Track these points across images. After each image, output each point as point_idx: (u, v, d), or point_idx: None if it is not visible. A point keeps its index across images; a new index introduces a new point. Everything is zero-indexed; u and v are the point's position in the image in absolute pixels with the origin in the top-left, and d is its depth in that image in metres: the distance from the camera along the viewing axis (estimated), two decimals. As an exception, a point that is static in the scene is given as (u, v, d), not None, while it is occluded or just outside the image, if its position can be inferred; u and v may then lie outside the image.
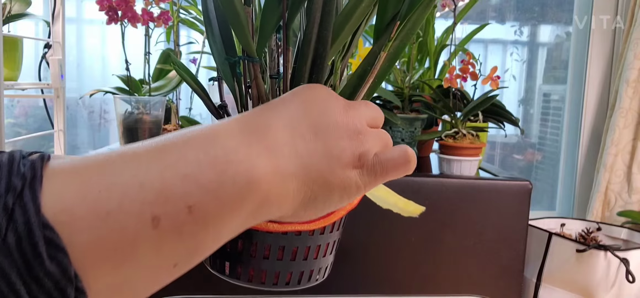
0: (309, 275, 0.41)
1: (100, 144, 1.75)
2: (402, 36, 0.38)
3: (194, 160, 0.27)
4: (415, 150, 1.24)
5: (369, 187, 0.34)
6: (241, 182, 0.28)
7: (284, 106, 0.33)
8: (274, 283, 0.39)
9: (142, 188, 0.25)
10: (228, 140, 0.28)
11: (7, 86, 1.03)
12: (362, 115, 0.35)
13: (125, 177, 0.25)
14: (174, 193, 0.25)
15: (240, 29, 0.35)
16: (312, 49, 0.36)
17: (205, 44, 1.22)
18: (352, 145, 0.33)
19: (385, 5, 0.38)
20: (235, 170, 0.28)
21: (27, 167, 0.23)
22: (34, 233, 0.21)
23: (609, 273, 1.19)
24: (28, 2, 1.16)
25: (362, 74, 0.39)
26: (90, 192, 0.23)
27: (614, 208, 1.56)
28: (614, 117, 1.53)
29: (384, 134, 0.36)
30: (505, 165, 1.88)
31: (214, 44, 0.40)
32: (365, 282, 1.07)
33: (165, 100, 1.16)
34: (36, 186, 0.22)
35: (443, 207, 1.05)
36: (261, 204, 0.29)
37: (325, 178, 0.32)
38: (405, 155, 0.35)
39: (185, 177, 0.26)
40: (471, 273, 1.08)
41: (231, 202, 0.27)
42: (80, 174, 0.24)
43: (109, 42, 1.73)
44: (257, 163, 0.29)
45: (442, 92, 1.20)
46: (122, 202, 0.24)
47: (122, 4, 1.03)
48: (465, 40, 1.35)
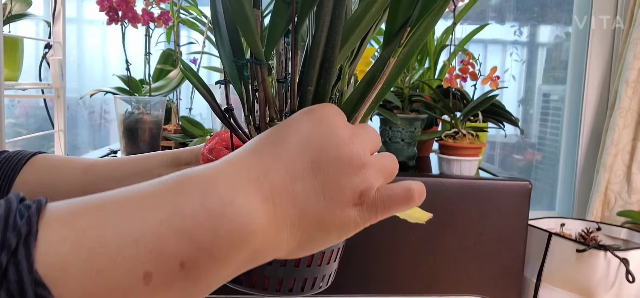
0: (313, 283, 0.40)
1: (100, 143, 1.75)
2: (412, 42, 0.38)
3: (190, 213, 0.26)
4: (414, 150, 1.25)
5: (369, 223, 0.34)
6: (236, 237, 0.28)
7: (284, 145, 0.32)
8: (277, 290, 0.39)
9: (136, 244, 0.25)
10: (225, 191, 0.28)
11: (8, 86, 1.03)
12: (366, 144, 0.34)
13: (119, 231, 0.25)
14: (168, 251, 0.25)
15: (249, 32, 0.35)
16: (321, 53, 0.36)
17: (205, 44, 1.22)
18: (354, 181, 0.32)
19: (396, 10, 0.37)
20: (231, 224, 0.27)
21: (23, 220, 0.23)
22: (26, 292, 0.22)
23: (609, 273, 1.19)
24: (28, 2, 1.16)
25: (371, 80, 0.38)
26: (84, 248, 0.24)
27: (614, 208, 1.56)
28: (614, 117, 1.54)
29: (387, 159, 0.35)
30: (505, 165, 1.88)
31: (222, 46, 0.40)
32: (366, 282, 1.07)
33: (165, 100, 1.17)
34: (31, 242, 0.23)
35: (443, 207, 1.06)
36: (255, 253, 0.29)
37: (323, 220, 0.31)
38: (409, 193, 0.34)
39: (179, 233, 0.26)
40: (471, 273, 1.08)
41: (225, 256, 0.27)
42: (74, 227, 0.24)
43: (109, 42, 1.73)
44: (254, 216, 0.28)
45: (442, 92, 1.20)
46: (115, 259, 0.24)
47: (122, 4, 1.03)
48: (465, 41, 1.35)
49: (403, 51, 0.38)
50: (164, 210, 0.26)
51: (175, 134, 1.27)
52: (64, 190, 0.47)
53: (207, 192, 0.28)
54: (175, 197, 0.27)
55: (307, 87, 0.37)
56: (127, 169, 0.49)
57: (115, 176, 0.48)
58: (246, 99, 0.40)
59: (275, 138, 0.32)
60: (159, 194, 0.27)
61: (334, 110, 0.34)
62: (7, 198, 0.24)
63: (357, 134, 0.33)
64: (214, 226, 0.27)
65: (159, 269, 0.25)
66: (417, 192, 0.34)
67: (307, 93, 0.37)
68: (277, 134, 0.33)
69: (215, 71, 1.38)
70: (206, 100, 0.41)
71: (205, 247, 0.26)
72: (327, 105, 0.35)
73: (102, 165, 0.49)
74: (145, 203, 0.26)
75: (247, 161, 0.31)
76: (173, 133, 1.27)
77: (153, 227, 0.25)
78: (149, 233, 0.25)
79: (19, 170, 0.47)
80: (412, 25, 0.37)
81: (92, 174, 0.48)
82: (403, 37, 0.37)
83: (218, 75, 1.43)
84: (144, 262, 0.25)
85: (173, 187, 0.28)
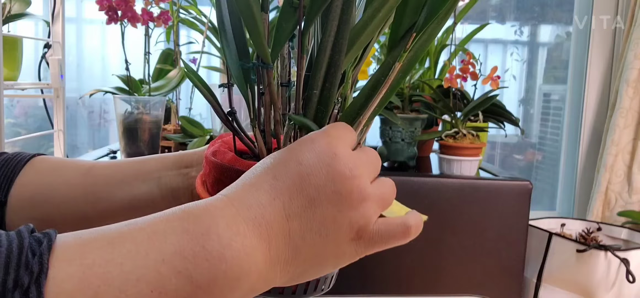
0: (316, 285, 0.40)
1: (99, 143, 1.75)
2: (417, 48, 0.38)
3: (191, 255, 0.28)
4: (415, 150, 1.25)
5: (364, 254, 0.34)
6: (232, 277, 0.29)
7: (282, 179, 0.32)
8: (280, 293, 0.39)
9: (139, 282, 0.27)
10: (225, 232, 0.29)
11: (7, 86, 1.03)
12: (367, 174, 0.34)
13: (124, 269, 0.27)
14: (168, 289, 0.27)
15: (257, 35, 0.35)
16: (327, 57, 0.36)
17: (205, 43, 1.22)
18: (353, 217, 0.32)
19: (401, 16, 0.37)
20: (228, 266, 0.29)
21: (35, 259, 0.25)
22: None
23: (609, 273, 1.19)
24: (28, 1, 1.16)
25: (375, 85, 0.38)
26: (91, 287, 0.26)
27: (615, 208, 1.56)
28: (614, 117, 1.53)
29: (386, 187, 0.35)
30: (506, 165, 1.88)
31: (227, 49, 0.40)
32: (366, 282, 1.07)
33: (165, 100, 1.16)
34: (42, 281, 0.24)
35: (443, 207, 1.05)
36: (249, 289, 0.31)
37: (317, 255, 0.32)
38: (406, 229, 0.34)
39: (179, 273, 0.28)
40: (471, 273, 1.08)
41: (220, 294, 0.29)
42: (82, 264, 0.26)
43: (108, 42, 1.73)
44: (250, 258, 0.30)
45: (442, 92, 1.20)
46: (119, 297, 0.26)
47: (122, 4, 1.03)
48: (466, 40, 1.35)
49: (408, 56, 0.38)
50: (166, 249, 0.28)
51: (175, 134, 1.26)
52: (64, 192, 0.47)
53: (207, 233, 0.29)
54: (178, 235, 0.28)
55: (313, 91, 0.37)
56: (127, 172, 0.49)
57: (116, 178, 0.48)
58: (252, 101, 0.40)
59: (275, 171, 0.33)
60: (162, 232, 0.29)
61: (336, 138, 0.34)
62: (19, 231, 0.26)
63: (359, 165, 0.33)
64: (212, 267, 0.28)
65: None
66: (414, 228, 0.35)
67: (313, 96, 0.37)
68: (277, 165, 0.33)
69: (215, 71, 1.38)
70: (209, 103, 0.41)
71: (203, 287, 0.28)
72: (329, 133, 0.34)
73: (103, 168, 0.49)
74: (149, 240, 0.28)
75: (246, 198, 0.31)
76: (173, 133, 1.27)
77: (155, 266, 0.27)
78: (151, 272, 0.27)
79: (18, 172, 0.47)
80: (417, 31, 0.37)
81: (92, 176, 0.48)
82: (409, 43, 0.37)
83: (218, 75, 1.43)
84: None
85: (176, 224, 0.29)
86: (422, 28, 0.37)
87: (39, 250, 0.25)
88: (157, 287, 0.27)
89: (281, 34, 0.37)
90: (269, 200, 0.31)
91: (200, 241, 0.29)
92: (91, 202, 0.47)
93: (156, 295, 0.27)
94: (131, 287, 0.26)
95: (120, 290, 0.26)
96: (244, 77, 0.40)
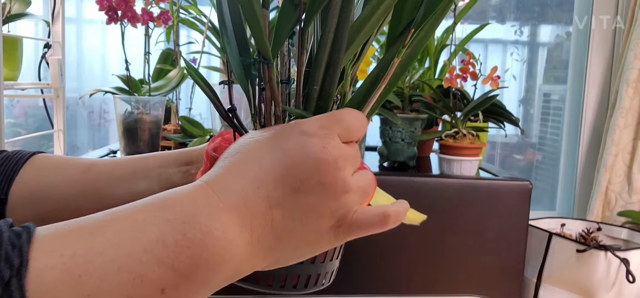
0: (316, 279, 0.41)
1: (99, 143, 1.75)
2: (415, 44, 0.39)
3: (172, 243, 0.28)
4: (415, 150, 1.25)
5: (343, 241, 0.35)
6: (214, 264, 0.29)
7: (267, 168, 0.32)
8: (281, 286, 0.39)
9: (120, 271, 0.26)
10: (206, 220, 0.30)
11: (7, 86, 1.03)
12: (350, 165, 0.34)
13: (105, 258, 0.26)
14: (150, 278, 0.27)
15: (258, 30, 0.36)
16: (327, 54, 0.37)
17: (204, 43, 1.22)
18: (333, 206, 0.33)
19: (400, 13, 0.38)
20: (210, 253, 0.29)
21: (15, 251, 0.25)
22: None
23: (609, 274, 1.19)
24: (28, 2, 1.16)
25: (375, 80, 0.39)
26: (72, 276, 0.25)
27: (615, 208, 1.56)
28: (614, 117, 1.53)
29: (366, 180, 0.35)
30: (506, 165, 1.88)
31: (228, 46, 0.40)
32: (366, 282, 1.07)
33: (165, 100, 1.16)
34: (23, 273, 0.24)
35: (443, 207, 1.05)
36: (232, 274, 0.31)
37: (298, 241, 0.33)
38: (384, 217, 0.35)
39: (162, 263, 0.28)
40: (471, 273, 1.08)
41: (202, 281, 0.29)
42: (63, 255, 0.26)
43: (108, 42, 1.73)
44: (232, 245, 0.30)
45: (442, 92, 1.20)
46: (101, 286, 0.26)
47: (122, 4, 1.03)
48: (465, 40, 1.35)
49: (406, 52, 0.38)
50: (147, 237, 0.28)
51: (175, 134, 1.26)
52: (64, 189, 0.47)
53: (189, 220, 0.29)
54: (159, 225, 0.28)
55: (313, 86, 0.38)
56: (127, 169, 0.49)
57: (115, 176, 0.48)
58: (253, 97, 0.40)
59: (260, 159, 0.33)
60: (143, 221, 0.28)
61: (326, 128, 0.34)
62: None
63: (344, 156, 0.34)
64: (194, 255, 0.29)
65: (141, 295, 0.27)
66: (392, 218, 0.35)
67: (313, 92, 0.38)
68: (262, 152, 0.33)
69: (215, 71, 1.38)
70: (210, 100, 0.42)
71: (185, 275, 0.28)
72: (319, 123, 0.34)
73: (102, 165, 0.49)
74: (130, 229, 0.28)
75: (229, 186, 0.32)
76: (172, 133, 1.27)
77: (137, 255, 0.27)
78: (134, 261, 0.27)
79: (18, 170, 0.47)
80: (416, 27, 0.37)
81: (92, 174, 0.48)
82: (407, 39, 0.37)
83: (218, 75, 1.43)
84: (128, 289, 0.27)
85: (158, 214, 0.29)
86: (420, 24, 0.37)
87: (19, 243, 0.25)
88: (139, 276, 0.27)
89: (281, 31, 0.38)
90: (253, 189, 0.32)
91: (182, 229, 0.29)
92: (91, 199, 0.47)
93: (138, 283, 0.27)
94: (113, 276, 0.26)
95: (101, 279, 0.26)
96: (245, 73, 0.40)
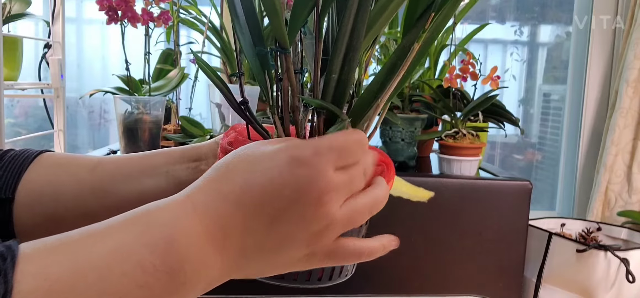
0: (340, 271, 0.41)
1: (99, 143, 1.75)
2: (433, 28, 0.38)
3: (151, 269, 0.29)
4: (415, 150, 1.25)
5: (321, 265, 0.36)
6: (190, 286, 0.31)
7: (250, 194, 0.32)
8: (307, 280, 0.40)
9: (102, 295, 0.28)
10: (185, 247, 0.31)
11: (7, 86, 1.03)
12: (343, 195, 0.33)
13: (88, 281, 0.28)
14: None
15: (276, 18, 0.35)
16: (346, 41, 0.36)
17: (205, 43, 1.22)
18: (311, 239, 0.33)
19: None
20: (187, 277, 0.31)
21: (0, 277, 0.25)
22: None
23: (609, 273, 1.19)
24: (28, 2, 1.16)
25: (392, 68, 0.38)
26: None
27: (614, 208, 1.56)
28: (614, 117, 1.53)
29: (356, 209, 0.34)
30: (505, 165, 1.88)
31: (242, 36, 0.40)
32: (366, 282, 1.07)
33: (165, 100, 1.16)
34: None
35: (443, 207, 1.05)
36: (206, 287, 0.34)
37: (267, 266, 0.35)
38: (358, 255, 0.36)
39: (141, 287, 0.29)
40: (471, 273, 1.08)
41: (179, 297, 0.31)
42: (47, 277, 0.27)
43: (109, 42, 1.73)
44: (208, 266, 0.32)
45: (442, 92, 1.20)
46: None
47: (122, 4, 1.03)
48: (465, 40, 1.35)
49: (425, 37, 0.38)
50: (128, 262, 0.29)
51: (175, 134, 1.26)
52: (71, 187, 0.47)
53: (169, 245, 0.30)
54: (138, 251, 0.30)
55: (332, 75, 0.37)
56: (134, 167, 0.49)
57: (123, 174, 0.48)
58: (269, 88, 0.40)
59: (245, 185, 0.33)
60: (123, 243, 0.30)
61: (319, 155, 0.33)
62: None
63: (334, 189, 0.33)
64: (172, 280, 0.30)
65: None
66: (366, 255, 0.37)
67: (331, 80, 0.38)
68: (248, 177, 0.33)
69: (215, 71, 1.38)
70: (222, 93, 0.41)
71: (162, 296, 0.30)
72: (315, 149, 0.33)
73: (109, 163, 0.49)
74: (112, 252, 0.29)
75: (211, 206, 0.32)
76: (173, 133, 1.27)
77: (119, 279, 0.28)
78: (114, 286, 0.28)
79: (26, 169, 0.47)
80: (436, 10, 0.37)
81: (99, 172, 0.48)
82: (428, 22, 0.37)
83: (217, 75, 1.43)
84: None
85: (138, 236, 0.30)
86: (441, 7, 0.37)
87: (3, 268, 0.26)
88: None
89: (297, 18, 0.37)
90: (231, 212, 0.32)
91: (161, 256, 0.30)
92: (99, 197, 0.47)
93: None
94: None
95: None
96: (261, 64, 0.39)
